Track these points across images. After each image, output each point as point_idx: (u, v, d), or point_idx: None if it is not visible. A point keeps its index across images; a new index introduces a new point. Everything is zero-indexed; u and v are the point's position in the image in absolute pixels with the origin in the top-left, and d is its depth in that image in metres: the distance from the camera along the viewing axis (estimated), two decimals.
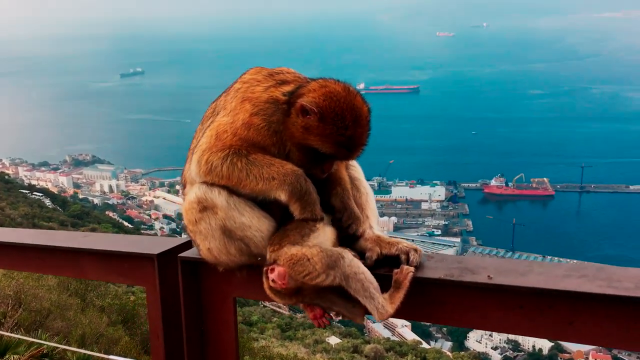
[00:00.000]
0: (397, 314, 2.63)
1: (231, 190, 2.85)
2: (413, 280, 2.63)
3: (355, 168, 3.18)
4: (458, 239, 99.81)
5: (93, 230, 49.27)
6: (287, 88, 2.88)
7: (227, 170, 2.78)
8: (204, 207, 2.85)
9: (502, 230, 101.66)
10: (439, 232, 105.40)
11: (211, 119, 3.02)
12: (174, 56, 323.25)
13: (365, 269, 2.63)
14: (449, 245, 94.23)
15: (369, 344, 30.01)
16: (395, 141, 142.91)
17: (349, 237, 2.91)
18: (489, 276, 2.54)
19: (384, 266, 2.82)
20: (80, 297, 14.69)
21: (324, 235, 2.79)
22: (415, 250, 2.81)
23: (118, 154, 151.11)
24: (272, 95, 2.86)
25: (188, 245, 3.37)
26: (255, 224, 2.80)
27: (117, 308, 15.26)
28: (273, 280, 2.66)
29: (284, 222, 2.86)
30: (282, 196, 2.76)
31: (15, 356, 6.41)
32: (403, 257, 2.78)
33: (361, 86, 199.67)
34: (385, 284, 2.69)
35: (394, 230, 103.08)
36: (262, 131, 2.81)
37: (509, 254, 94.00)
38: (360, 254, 2.87)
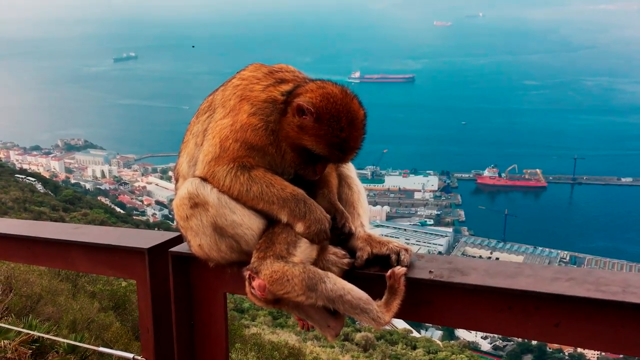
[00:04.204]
0: None
1: None
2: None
3: (348, 166, 3.18)
4: (450, 229, 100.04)
5: (85, 215, 49.12)
6: (286, 87, 2.89)
7: (230, 183, 2.81)
8: (195, 204, 2.86)
9: (494, 221, 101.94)
10: (432, 222, 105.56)
11: (207, 113, 3.03)
12: (168, 41, 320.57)
13: (351, 287, 2.61)
14: (441, 235, 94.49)
15: (360, 332, 30.12)
16: (389, 130, 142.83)
17: (339, 236, 2.92)
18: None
19: (375, 265, 2.83)
20: (71, 283, 14.65)
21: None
22: (406, 250, 2.82)
23: (111, 139, 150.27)
24: (270, 95, 2.86)
25: (179, 240, 3.37)
26: (246, 222, 2.81)
27: (108, 294, 15.22)
28: (253, 288, 2.70)
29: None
30: (283, 219, 2.80)
31: (5, 341, 6.38)
32: (394, 257, 2.80)
33: (356, 74, 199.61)
34: (376, 283, 2.70)
35: (387, 220, 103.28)
36: (260, 131, 2.82)
37: (501, 244, 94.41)
38: (351, 253, 2.88)
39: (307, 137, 2.75)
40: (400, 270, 2.63)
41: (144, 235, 3.68)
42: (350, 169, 3.19)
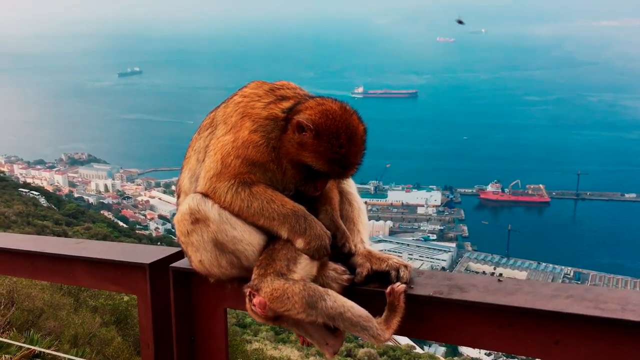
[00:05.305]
0: None
1: None
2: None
3: (348, 182, 3.19)
4: (453, 244, 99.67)
5: (87, 229, 49.15)
6: (286, 104, 2.91)
7: (231, 199, 2.83)
8: (196, 220, 2.87)
9: (498, 236, 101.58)
10: (435, 237, 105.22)
11: (209, 130, 3.05)
12: (172, 56, 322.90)
13: (351, 304, 2.62)
14: (444, 251, 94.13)
15: (363, 347, 29.93)
16: (392, 145, 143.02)
17: (339, 254, 2.93)
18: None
19: (375, 281, 2.84)
20: (73, 297, 14.64)
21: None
22: (406, 266, 2.83)
23: (114, 154, 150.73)
24: (271, 112, 2.88)
25: (180, 255, 3.38)
26: (246, 238, 2.82)
27: (110, 308, 15.19)
28: (254, 305, 2.71)
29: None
30: (284, 235, 2.81)
31: (6, 356, 6.40)
32: (393, 273, 2.80)
33: (360, 90, 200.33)
34: (376, 299, 2.70)
35: (390, 235, 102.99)
36: (261, 148, 2.84)
37: (504, 259, 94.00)
38: (351, 269, 2.89)
39: (307, 154, 2.77)
40: (399, 287, 2.64)
41: (145, 250, 3.69)
42: (350, 185, 3.20)
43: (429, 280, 2.77)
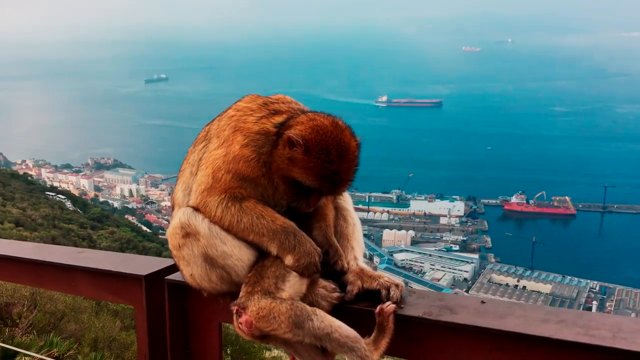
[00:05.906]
0: None
1: None
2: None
3: (344, 198, 3.16)
4: (476, 256, 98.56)
5: (112, 233, 49.82)
6: (279, 119, 2.88)
7: (221, 214, 2.81)
8: (187, 234, 2.86)
9: (522, 248, 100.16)
10: (457, 247, 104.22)
11: (203, 143, 3.05)
12: (198, 63, 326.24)
13: (339, 324, 2.59)
14: (467, 262, 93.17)
15: (382, 357, 29.68)
16: (415, 154, 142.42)
17: (330, 271, 2.90)
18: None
19: (365, 300, 2.80)
20: (94, 300, 14.78)
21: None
22: (397, 285, 2.79)
23: (139, 159, 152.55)
24: (263, 127, 2.86)
25: (176, 267, 3.38)
26: (236, 253, 2.80)
27: (131, 312, 15.28)
28: (241, 324, 2.69)
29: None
30: (273, 251, 2.79)
31: (26, 358, 6.49)
32: (384, 292, 2.77)
33: (384, 98, 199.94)
34: (366, 318, 2.67)
35: (412, 245, 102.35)
36: (252, 163, 2.82)
37: (528, 272, 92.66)
38: (343, 287, 2.86)
39: (297, 170, 2.73)
40: (389, 307, 2.60)
41: (143, 261, 3.70)
42: (346, 201, 3.17)
43: (420, 300, 2.72)
